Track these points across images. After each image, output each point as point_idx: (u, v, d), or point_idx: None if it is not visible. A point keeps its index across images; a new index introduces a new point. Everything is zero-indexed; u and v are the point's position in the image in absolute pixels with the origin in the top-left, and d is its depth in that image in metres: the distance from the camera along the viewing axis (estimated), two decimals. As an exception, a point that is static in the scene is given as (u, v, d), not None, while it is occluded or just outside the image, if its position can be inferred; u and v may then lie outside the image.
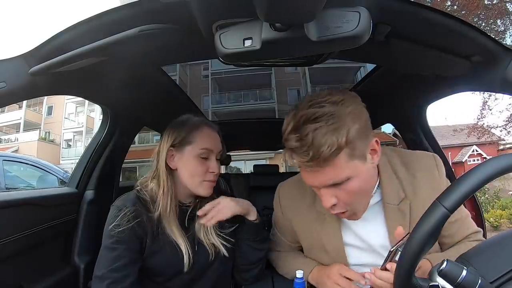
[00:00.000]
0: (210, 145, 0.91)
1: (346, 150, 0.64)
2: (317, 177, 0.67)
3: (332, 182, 0.67)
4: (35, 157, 4.99)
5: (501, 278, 0.48)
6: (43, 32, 30.48)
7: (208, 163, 0.91)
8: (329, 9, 0.51)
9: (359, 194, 0.72)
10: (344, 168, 0.65)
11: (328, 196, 0.69)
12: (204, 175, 0.90)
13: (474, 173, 0.48)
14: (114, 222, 0.82)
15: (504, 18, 6.70)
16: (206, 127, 0.94)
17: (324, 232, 0.85)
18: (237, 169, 9.70)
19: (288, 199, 0.94)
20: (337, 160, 0.64)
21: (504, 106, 9.46)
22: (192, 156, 0.89)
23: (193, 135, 0.90)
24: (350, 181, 0.67)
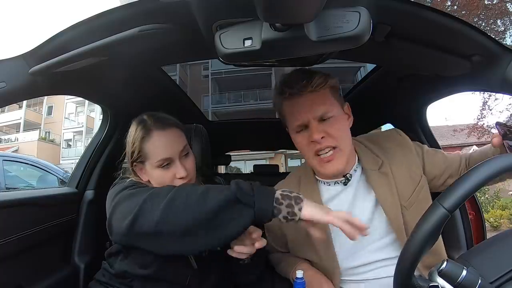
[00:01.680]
0: (165, 153, 0.82)
1: (330, 90, 0.82)
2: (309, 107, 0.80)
3: (321, 114, 0.80)
4: (35, 157, 4.99)
5: (501, 278, 0.48)
6: (43, 32, 30.50)
7: (172, 169, 0.83)
8: (329, 9, 0.51)
9: (343, 135, 0.83)
10: (330, 104, 0.81)
11: (318, 129, 0.80)
12: (172, 182, 0.84)
13: (474, 174, 0.48)
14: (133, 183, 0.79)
15: (504, 18, 6.70)
16: (156, 131, 0.83)
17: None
18: (237, 169, 9.69)
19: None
20: (324, 92, 0.81)
21: (504, 106, 9.44)
22: (153, 168, 0.83)
23: (145, 148, 0.83)
24: (335, 119, 0.81)
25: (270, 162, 13.04)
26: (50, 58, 0.70)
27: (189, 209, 0.63)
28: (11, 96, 0.73)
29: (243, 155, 11.03)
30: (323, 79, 0.80)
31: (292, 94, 0.81)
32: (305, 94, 0.80)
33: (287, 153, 14.87)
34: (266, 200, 0.64)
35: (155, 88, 1.22)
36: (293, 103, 0.82)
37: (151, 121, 0.85)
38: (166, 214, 0.63)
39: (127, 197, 0.72)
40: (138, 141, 0.83)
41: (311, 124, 0.80)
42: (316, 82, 0.78)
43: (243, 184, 0.66)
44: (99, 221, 1.24)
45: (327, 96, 0.81)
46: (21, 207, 0.95)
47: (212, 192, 0.65)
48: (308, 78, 0.79)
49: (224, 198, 0.62)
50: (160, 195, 0.67)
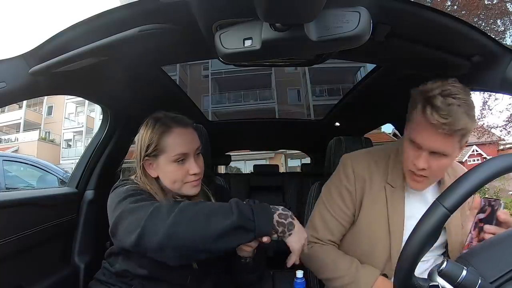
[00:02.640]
0: (183, 148, 0.85)
1: (462, 135, 0.76)
2: (433, 142, 0.77)
3: (437, 150, 0.78)
4: (35, 157, 4.99)
5: (501, 278, 0.48)
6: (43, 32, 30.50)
7: (186, 166, 0.86)
8: (329, 9, 0.51)
9: (443, 170, 0.85)
10: (451, 145, 0.77)
11: (425, 159, 0.80)
12: (184, 178, 0.86)
13: (474, 173, 0.48)
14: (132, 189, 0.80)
15: (504, 18, 6.70)
16: (176, 128, 0.87)
17: (391, 202, 0.90)
18: (237, 169, 9.69)
19: (363, 165, 0.94)
20: (453, 137, 0.76)
21: (504, 106, 9.46)
22: (167, 163, 0.85)
23: (164, 141, 0.85)
24: (445, 158, 0.79)
25: (270, 162, 13.04)
26: (50, 58, 0.70)
27: (192, 233, 0.66)
28: (11, 96, 0.73)
29: (243, 155, 11.03)
30: (465, 126, 0.74)
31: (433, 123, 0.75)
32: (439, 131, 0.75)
33: (287, 153, 14.87)
34: (266, 224, 0.70)
35: (155, 88, 1.22)
36: (427, 126, 0.77)
37: (171, 118, 0.89)
38: (170, 236, 0.66)
39: (130, 212, 0.73)
40: (157, 135, 0.85)
41: (423, 152, 0.80)
42: (456, 128, 0.73)
43: (243, 208, 0.69)
44: (99, 221, 1.24)
45: (454, 141, 0.77)
46: (21, 207, 0.95)
47: (215, 216, 0.68)
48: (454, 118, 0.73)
49: (227, 225, 0.66)
50: (162, 213, 0.69)
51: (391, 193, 0.90)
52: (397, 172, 0.91)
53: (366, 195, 0.92)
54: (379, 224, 0.89)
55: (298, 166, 12.65)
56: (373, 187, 0.92)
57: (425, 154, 0.79)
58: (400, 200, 0.90)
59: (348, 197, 0.93)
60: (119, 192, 0.81)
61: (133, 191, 0.80)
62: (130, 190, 0.80)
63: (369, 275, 0.86)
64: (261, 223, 0.69)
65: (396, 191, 0.90)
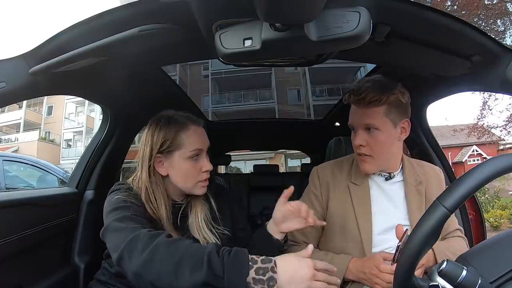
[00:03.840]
0: (199, 144, 0.87)
1: (384, 107, 0.88)
2: (359, 118, 0.91)
3: (367, 125, 0.90)
4: (35, 157, 4.99)
5: (501, 278, 0.48)
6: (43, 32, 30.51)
7: (200, 163, 0.88)
8: (329, 9, 0.51)
9: (382, 147, 0.92)
10: (379, 119, 0.89)
11: (361, 137, 0.92)
12: (198, 176, 0.87)
13: (474, 173, 0.48)
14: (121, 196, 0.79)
15: (504, 18, 6.70)
16: (192, 125, 0.88)
17: (356, 199, 0.97)
18: (237, 169, 9.69)
19: (327, 172, 1.05)
20: (376, 109, 0.88)
21: (504, 106, 9.43)
22: (183, 159, 0.86)
23: (180, 138, 0.85)
24: (379, 132, 0.90)
25: (270, 162, 13.04)
26: (50, 58, 0.70)
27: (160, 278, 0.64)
28: (11, 96, 0.73)
29: (243, 155, 11.03)
30: (379, 96, 0.87)
31: (353, 101, 0.92)
32: (360, 106, 0.91)
33: (287, 153, 14.88)
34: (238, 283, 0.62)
35: (155, 88, 1.22)
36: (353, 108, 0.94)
37: (185, 117, 0.91)
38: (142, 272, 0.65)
39: (113, 230, 0.74)
40: (173, 132, 0.86)
41: (357, 131, 0.93)
42: (371, 99, 0.87)
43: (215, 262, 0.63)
44: (99, 221, 1.23)
45: (378, 113, 0.89)
46: (21, 207, 0.95)
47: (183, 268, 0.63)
48: (366, 92, 0.88)
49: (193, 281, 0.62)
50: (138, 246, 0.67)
51: (355, 191, 0.98)
52: (361, 172, 0.98)
53: (331, 197, 1.01)
54: (348, 221, 0.96)
55: (298, 166, 12.66)
56: (337, 189, 1.01)
57: (360, 132, 0.91)
58: (366, 197, 0.97)
59: (316, 201, 1.02)
60: (109, 201, 0.82)
61: (121, 203, 0.78)
62: (119, 202, 0.79)
63: (343, 259, 0.91)
64: (232, 282, 0.62)
65: (360, 188, 0.98)
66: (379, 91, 0.87)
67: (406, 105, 0.92)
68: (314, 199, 1.03)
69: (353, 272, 0.89)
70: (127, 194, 0.82)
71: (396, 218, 0.93)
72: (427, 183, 0.98)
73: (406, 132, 0.95)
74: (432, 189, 0.97)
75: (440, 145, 1.39)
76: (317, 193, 1.03)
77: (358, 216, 0.95)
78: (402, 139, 0.95)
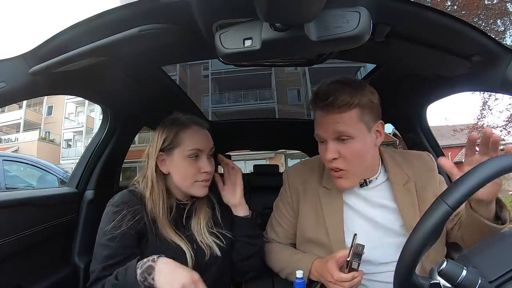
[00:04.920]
0: (198, 144, 0.89)
1: (357, 111, 0.79)
2: (330, 126, 0.80)
3: (340, 133, 0.79)
4: (35, 157, 4.99)
5: (501, 278, 0.48)
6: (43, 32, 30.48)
7: (199, 163, 0.89)
8: (329, 9, 0.51)
9: (358, 157, 0.82)
10: (353, 125, 0.79)
11: (332, 149, 0.81)
12: (196, 175, 0.89)
13: (477, 172, 0.48)
14: (112, 222, 0.81)
15: (504, 18, 6.70)
16: (193, 125, 0.91)
17: (327, 206, 0.90)
18: (237, 169, 9.67)
19: (297, 177, 0.99)
20: (348, 114, 0.78)
21: (504, 106, 9.46)
22: (181, 158, 0.88)
23: (180, 137, 0.89)
24: (354, 141, 0.79)
25: (270, 162, 13.04)
26: (50, 58, 0.70)
27: None
28: (11, 96, 0.73)
29: (243, 155, 11.03)
30: (350, 98, 0.78)
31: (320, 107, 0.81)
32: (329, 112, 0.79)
33: (287, 153, 14.88)
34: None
35: (155, 88, 1.22)
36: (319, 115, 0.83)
37: (188, 118, 0.93)
38: None
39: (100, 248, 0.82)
40: (174, 131, 0.89)
41: (328, 142, 0.82)
42: (341, 102, 0.77)
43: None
44: (99, 221, 1.24)
45: (351, 117, 0.79)
46: (21, 207, 0.95)
47: None
48: (335, 95, 0.78)
49: None
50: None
51: (327, 195, 0.91)
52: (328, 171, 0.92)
53: (302, 203, 0.96)
54: (317, 226, 0.91)
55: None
56: (308, 193, 0.95)
57: (331, 144, 0.81)
58: (338, 200, 0.90)
59: (289, 207, 1.00)
60: (104, 218, 0.85)
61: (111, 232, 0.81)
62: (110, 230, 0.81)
63: (306, 259, 0.89)
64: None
65: (332, 192, 0.91)
66: (350, 93, 0.78)
67: (378, 105, 0.85)
68: (287, 205, 1.00)
69: (315, 275, 0.86)
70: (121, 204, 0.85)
71: (374, 223, 0.86)
72: (415, 177, 0.90)
73: (381, 135, 0.86)
74: (423, 181, 0.89)
75: (440, 145, 1.39)
76: (289, 200, 1.00)
77: (328, 225, 0.88)
78: (378, 144, 0.87)
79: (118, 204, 0.84)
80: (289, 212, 1.00)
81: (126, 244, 0.81)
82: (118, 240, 0.80)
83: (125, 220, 0.82)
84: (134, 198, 0.87)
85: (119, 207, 0.84)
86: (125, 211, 0.83)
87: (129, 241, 0.82)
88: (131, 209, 0.84)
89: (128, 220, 0.82)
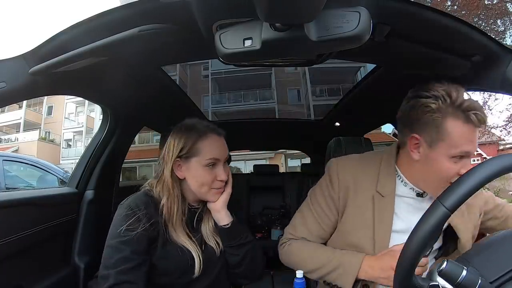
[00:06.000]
0: (217, 154, 0.90)
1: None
2: (475, 139, 0.77)
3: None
4: (35, 157, 4.98)
5: (501, 278, 0.48)
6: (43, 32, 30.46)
7: (216, 171, 0.90)
8: (329, 9, 0.51)
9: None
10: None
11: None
12: (212, 183, 0.89)
13: (475, 173, 0.48)
14: (126, 224, 0.80)
15: (504, 18, 6.70)
16: (213, 134, 0.92)
17: (378, 213, 0.85)
18: (237, 169, 9.69)
19: (349, 173, 0.90)
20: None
21: (504, 106, 9.45)
22: (199, 166, 0.88)
23: (199, 145, 0.88)
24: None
25: (270, 162, 13.03)
26: (50, 58, 0.70)
27: None
28: (11, 96, 0.73)
29: (243, 155, 11.03)
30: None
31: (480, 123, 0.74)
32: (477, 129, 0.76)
33: (287, 153, 14.87)
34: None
35: (155, 88, 1.22)
36: (472, 131, 0.75)
37: (206, 126, 0.93)
38: None
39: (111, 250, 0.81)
40: (192, 139, 0.89)
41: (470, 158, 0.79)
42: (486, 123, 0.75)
43: None
44: (99, 221, 1.24)
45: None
46: (21, 207, 0.95)
47: None
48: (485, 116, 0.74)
49: None
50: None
51: (379, 201, 0.86)
52: (389, 180, 0.86)
53: (350, 203, 0.88)
54: (363, 231, 0.86)
55: (298, 166, 12.65)
56: (359, 196, 0.88)
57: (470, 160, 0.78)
58: (389, 208, 0.85)
59: (332, 204, 0.91)
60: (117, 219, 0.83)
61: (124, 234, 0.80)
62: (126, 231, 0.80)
63: (355, 255, 0.84)
64: None
65: (385, 199, 0.85)
66: None
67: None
68: (330, 201, 0.91)
69: (367, 271, 0.81)
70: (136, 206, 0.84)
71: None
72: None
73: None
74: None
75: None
76: (335, 196, 0.90)
77: (376, 233, 0.84)
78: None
79: (133, 207, 0.83)
80: (331, 210, 0.92)
81: (140, 249, 0.80)
82: (132, 243, 0.79)
83: (140, 224, 0.81)
84: (149, 201, 0.87)
85: (133, 210, 0.83)
86: (139, 214, 0.82)
87: (143, 246, 0.81)
88: (145, 212, 0.83)
89: (143, 224, 0.81)
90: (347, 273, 0.82)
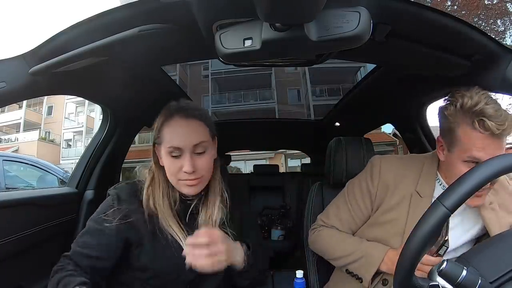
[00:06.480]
0: (177, 142, 0.78)
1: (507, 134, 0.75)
2: (492, 148, 0.74)
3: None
4: (35, 157, 4.99)
5: (501, 278, 0.48)
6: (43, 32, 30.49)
7: (181, 161, 0.78)
8: (329, 9, 0.51)
9: None
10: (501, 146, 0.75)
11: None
12: (178, 174, 0.80)
13: (475, 173, 0.48)
14: (104, 214, 0.79)
15: (504, 18, 6.70)
16: (177, 117, 0.80)
17: (413, 214, 0.85)
18: (237, 169, 9.69)
19: (391, 171, 0.92)
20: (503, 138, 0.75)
21: (504, 106, 9.42)
22: (165, 154, 0.80)
23: (163, 131, 0.80)
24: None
25: (270, 162, 13.03)
26: (50, 58, 0.70)
27: None
28: (11, 96, 0.73)
29: (243, 155, 11.03)
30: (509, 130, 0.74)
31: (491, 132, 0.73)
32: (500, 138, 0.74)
33: (287, 153, 14.87)
34: None
35: (155, 88, 1.22)
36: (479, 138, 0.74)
37: (175, 107, 0.83)
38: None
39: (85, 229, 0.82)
40: (160, 123, 0.82)
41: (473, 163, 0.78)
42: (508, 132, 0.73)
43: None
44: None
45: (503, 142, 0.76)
46: (21, 207, 0.95)
47: None
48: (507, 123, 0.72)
49: None
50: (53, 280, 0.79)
51: (417, 202, 0.86)
52: (430, 182, 0.87)
53: (387, 200, 0.90)
54: (394, 228, 0.87)
55: (298, 166, 12.66)
56: (396, 194, 0.89)
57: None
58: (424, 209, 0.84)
59: (368, 198, 0.93)
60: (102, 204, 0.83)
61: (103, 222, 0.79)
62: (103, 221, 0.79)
63: (380, 248, 0.86)
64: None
65: (423, 200, 0.86)
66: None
67: None
68: (367, 195, 0.93)
69: (388, 263, 0.83)
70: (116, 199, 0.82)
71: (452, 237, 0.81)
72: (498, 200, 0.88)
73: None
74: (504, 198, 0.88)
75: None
76: (373, 191, 0.92)
77: (406, 228, 0.84)
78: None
79: (114, 198, 0.82)
80: (365, 204, 0.93)
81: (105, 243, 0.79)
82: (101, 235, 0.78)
83: (116, 218, 0.78)
84: (132, 194, 0.83)
85: (114, 202, 0.81)
86: (116, 208, 0.80)
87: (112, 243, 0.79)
88: (124, 207, 0.80)
89: (119, 220, 0.78)
90: (369, 264, 0.85)
